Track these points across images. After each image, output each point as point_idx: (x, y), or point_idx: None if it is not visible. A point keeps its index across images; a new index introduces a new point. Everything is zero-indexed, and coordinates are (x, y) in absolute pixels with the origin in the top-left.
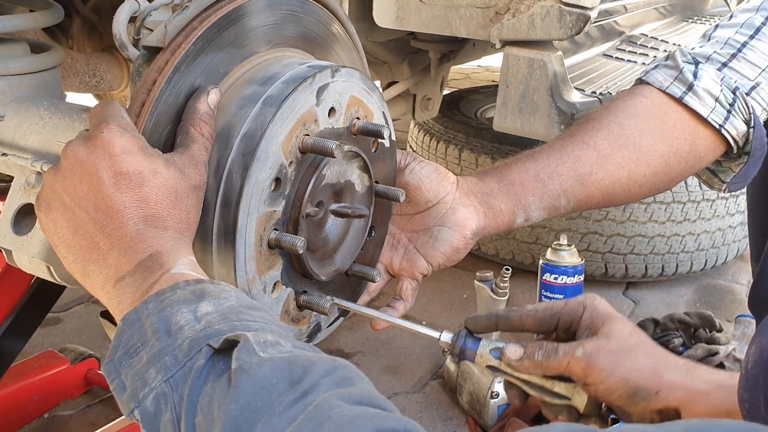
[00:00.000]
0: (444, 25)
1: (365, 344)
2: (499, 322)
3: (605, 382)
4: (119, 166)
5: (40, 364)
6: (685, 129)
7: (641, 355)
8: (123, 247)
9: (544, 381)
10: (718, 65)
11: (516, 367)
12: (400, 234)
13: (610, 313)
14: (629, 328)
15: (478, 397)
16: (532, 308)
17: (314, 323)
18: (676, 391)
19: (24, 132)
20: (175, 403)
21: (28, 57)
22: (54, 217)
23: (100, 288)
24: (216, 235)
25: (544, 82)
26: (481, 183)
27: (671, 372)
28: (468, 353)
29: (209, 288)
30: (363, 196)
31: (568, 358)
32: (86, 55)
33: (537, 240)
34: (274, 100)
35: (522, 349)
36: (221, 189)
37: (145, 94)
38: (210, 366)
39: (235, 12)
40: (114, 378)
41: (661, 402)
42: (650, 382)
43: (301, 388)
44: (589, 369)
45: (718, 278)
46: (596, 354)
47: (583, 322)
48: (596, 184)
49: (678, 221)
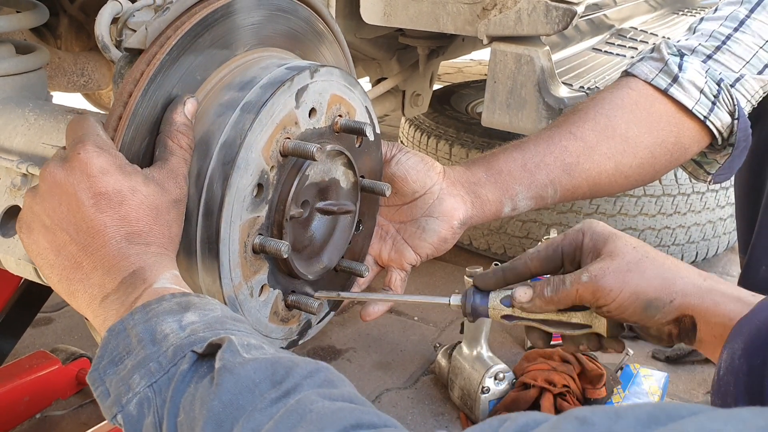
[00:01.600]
0: (431, 22)
1: (357, 340)
2: (506, 273)
3: (616, 300)
4: (98, 186)
5: (31, 364)
6: (671, 120)
7: (648, 266)
8: (106, 266)
9: (561, 315)
10: (703, 57)
11: (529, 309)
12: (389, 225)
13: (611, 232)
14: (633, 242)
15: (469, 392)
16: (533, 250)
17: (304, 321)
18: (691, 298)
19: (9, 134)
20: (158, 407)
21: (13, 58)
22: (36, 239)
23: (86, 306)
24: (200, 245)
25: (531, 78)
26: (468, 172)
27: (684, 280)
28: (480, 309)
29: (194, 300)
30: (349, 192)
31: (576, 285)
32: (74, 54)
33: (528, 234)
34: (252, 106)
35: (531, 290)
36: (203, 198)
37: (121, 107)
38: (194, 370)
39: (212, 15)
40: (98, 386)
41: (677, 310)
42: (662, 293)
43: (284, 388)
44: (598, 291)
45: (710, 270)
46: (602, 275)
47: (585, 248)
48: (583, 175)
49: (668, 214)
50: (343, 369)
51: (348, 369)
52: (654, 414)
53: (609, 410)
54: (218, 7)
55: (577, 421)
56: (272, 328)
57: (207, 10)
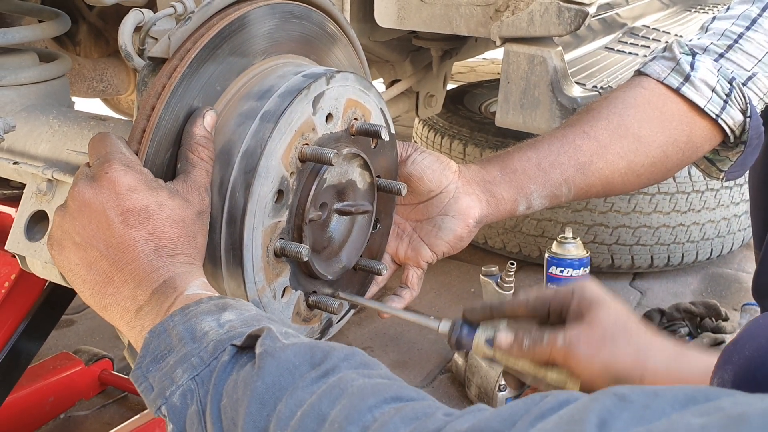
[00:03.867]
0: (444, 24)
1: (374, 340)
2: (493, 311)
3: (587, 370)
4: (126, 203)
5: (55, 365)
6: (683, 119)
7: (622, 341)
8: (137, 279)
9: (538, 370)
10: (714, 56)
11: (508, 354)
12: (405, 224)
13: (598, 299)
14: (615, 313)
15: (486, 390)
16: (523, 297)
17: (326, 319)
18: (661, 379)
19: (34, 140)
20: (201, 396)
21: (36, 67)
22: (67, 256)
23: (119, 318)
24: (224, 251)
25: (544, 78)
26: (484, 171)
27: (656, 359)
28: (465, 343)
29: (230, 302)
30: (365, 192)
31: (551, 346)
32: (93, 60)
33: (543, 233)
34: (271, 115)
35: (512, 336)
36: (225, 207)
37: (144, 120)
38: (234, 361)
39: (230, 25)
40: (142, 382)
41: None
42: (633, 370)
43: (323, 369)
44: (570, 357)
45: (725, 267)
46: (576, 342)
47: (572, 309)
48: (596, 174)
49: (683, 211)
50: None
51: None
52: (692, 395)
53: (647, 389)
54: (237, 17)
55: (615, 397)
56: (295, 328)
57: (225, 21)
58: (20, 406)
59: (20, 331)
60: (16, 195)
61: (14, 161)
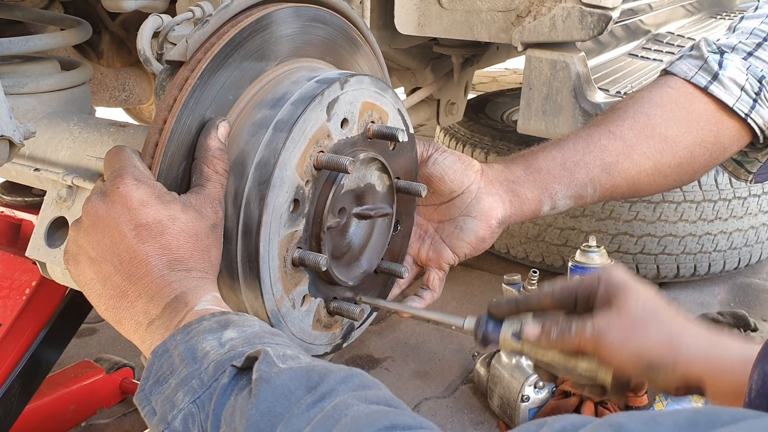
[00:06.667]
0: (465, 30)
1: (395, 350)
2: (519, 305)
3: (617, 357)
4: (138, 218)
5: (76, 373)
6: (710, 119)
7: (653, 326)
8: (150, 294)
9: (568, 360)
10: (743, 54)
11: (537, 346)
12: (427, 225)
13: (625, 284)
14: (644, 298)
15: (508, 400)
16: (549, 289)
17: (347, 324)
18: (696, 364)
19: (55, 147)
20: (202, 421)
21: (58, 74)
22: (82, 270)
23: (133, 332)
24: (240, 263)
25: (567, 84)
26: (507, 170)
27: (690, 344)
28: (491, 338)
29: (233, 318)
30: (384, 195)
31: (580, 336)
32: (115, 69)
33: (566, 242)
34: (285, 124)
35: (539, 327)
36: (241, 218)
37: (157, 134)
38: (234, 383)
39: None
40: (145, 405)
41: (681, 377)
42: (665, 356)
43: (319, 392)
44: (600, 345)
45: (753, 277)
46: (606, 329)
47: (599, 297)
48: (622, 174)
49: (709, 220)
50: (381, 378)
51: (386, 378)
52: (694, 419)
53: (647, 416)
54: (251, 22)
55: (612, 428)
56: (316, 335)
57: (242, 24)
58: (42, 414)
59: (40, 339)
60: (37, 203)
61: (35, 168)
